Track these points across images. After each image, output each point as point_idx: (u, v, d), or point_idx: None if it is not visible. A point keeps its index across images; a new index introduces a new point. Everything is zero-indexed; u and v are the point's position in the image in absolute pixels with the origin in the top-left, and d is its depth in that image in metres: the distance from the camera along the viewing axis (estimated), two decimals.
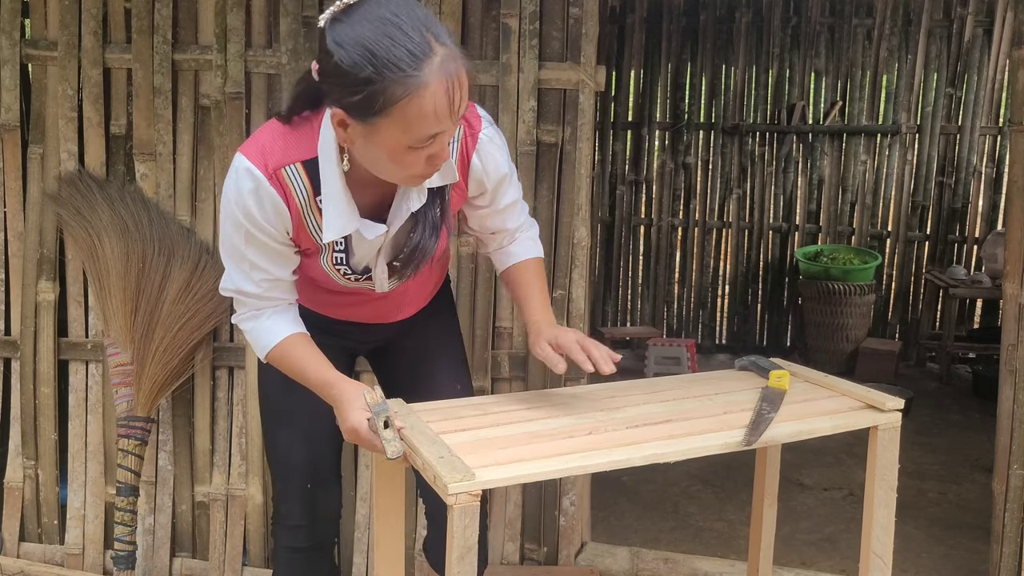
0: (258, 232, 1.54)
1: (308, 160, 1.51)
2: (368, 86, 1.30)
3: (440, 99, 1.32)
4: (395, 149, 1.37)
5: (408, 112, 1.32)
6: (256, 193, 1.50)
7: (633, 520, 3.31)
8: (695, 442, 1.51)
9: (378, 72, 1.29)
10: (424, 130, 1.35)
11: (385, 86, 1.30)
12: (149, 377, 2.50)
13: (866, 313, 5.46)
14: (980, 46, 5.36)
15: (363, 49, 1.30)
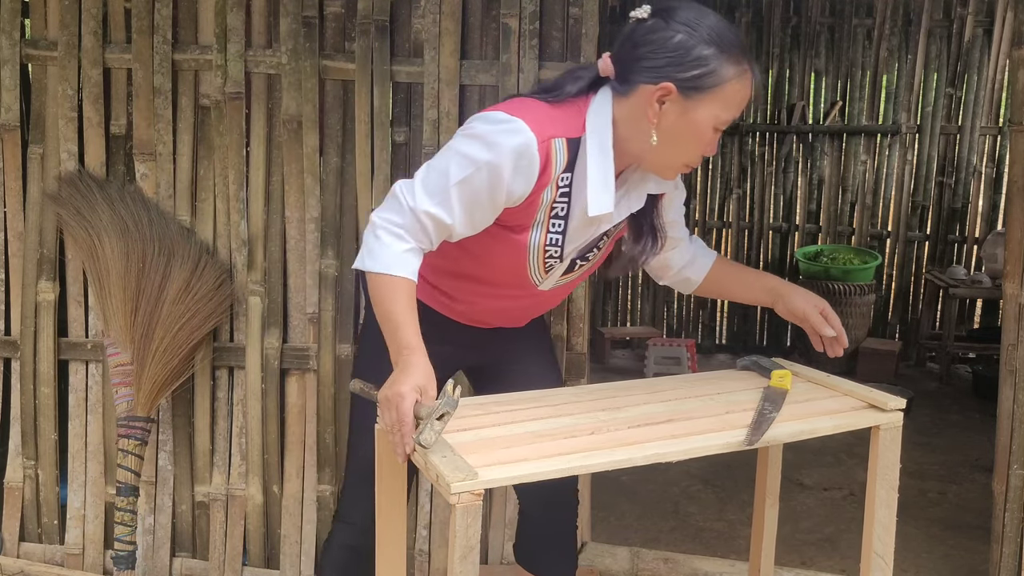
0: (498, 185, 1.56)
1: (573, 138, 1.61)
2: (707, 64, 1.52)
3: (747, 90, 1.57)
4: (704, 127, 1.57)
5: (729, 92, 1.55)
6: (520, 150, 1.54)
7: (633, 520, 3.31)
8: (697, 442, 1.51)
9: (720, 52, 1.52)
10: (733, 111, 1.58)
11: (721, 65, 1.52)
12: (149, 377, 2.50)
13: (866, 313, 5.46)
14: (980, 46, 5.37)
15: (711, 32, 1.53)
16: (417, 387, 1.45)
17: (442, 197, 1.56)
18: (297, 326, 2.63)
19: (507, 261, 1.70)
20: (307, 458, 2.66)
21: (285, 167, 2.58)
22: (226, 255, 2.63)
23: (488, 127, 1.57)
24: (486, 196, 1.57)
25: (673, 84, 1.53)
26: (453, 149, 1.59)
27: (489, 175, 1.55)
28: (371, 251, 1.58)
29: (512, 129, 1.55)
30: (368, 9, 2.51)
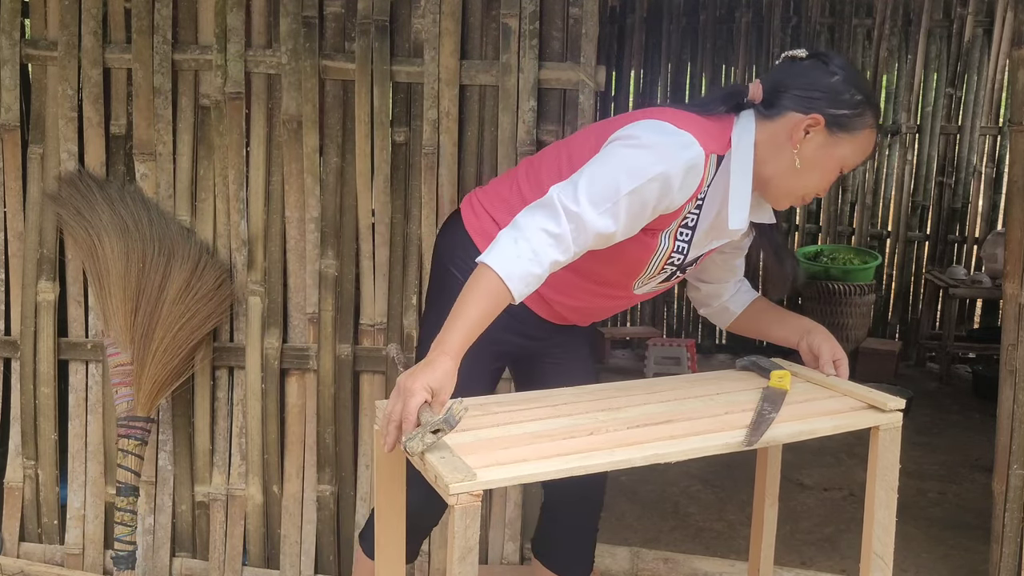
0: (657, 201, 1.61)
1: (721, 155, 1.69)
2: (857, 108, 1.66)
3: (874, 143, 1.74)
4: (836, 163, 1.70)
5: (864, 138, 1.69)
6: (691, 164, 1.62)
7: (633, 520, 3.31)
8: (696, 442, 1.51)
9: (868, 102, 1.68)
10: (860, 158, 1.72)
11: (867, 113, 1.68)
12: (149, 377, 2.50)
13: (866, 313, 5.46)
14: (980, 46, 5.37)
15: (864, 83, 1.72)
16: (430, 388, 1.44)
17: (610, 206, 1.57)
18: (297, 326, 2.63)
19: (630, 263, 1.75)
20: (307, 458, 2.66)
21: (285, 167, 2.58)
22: (226, 255, 2.63)
23: (660, 138, 1.61)
24: (652, 206, 1.62)
25: (823, 117, 1.65)
26: (620, 157, 1.60)
27: (661, 187, 1.60)
28: (502, 250, 1.54)
29: (684, 143, 1.61)
30: (368, 9, 2.51)
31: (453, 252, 1.91)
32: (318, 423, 2.64)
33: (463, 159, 2.55)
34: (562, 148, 1.84)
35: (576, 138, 1.86)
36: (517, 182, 1.85)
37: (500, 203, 1.85)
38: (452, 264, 1.89)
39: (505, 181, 1.91)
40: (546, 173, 1.79)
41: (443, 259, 1.94)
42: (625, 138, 1.64)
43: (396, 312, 2.61)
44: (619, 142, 1.64)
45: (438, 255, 1.99)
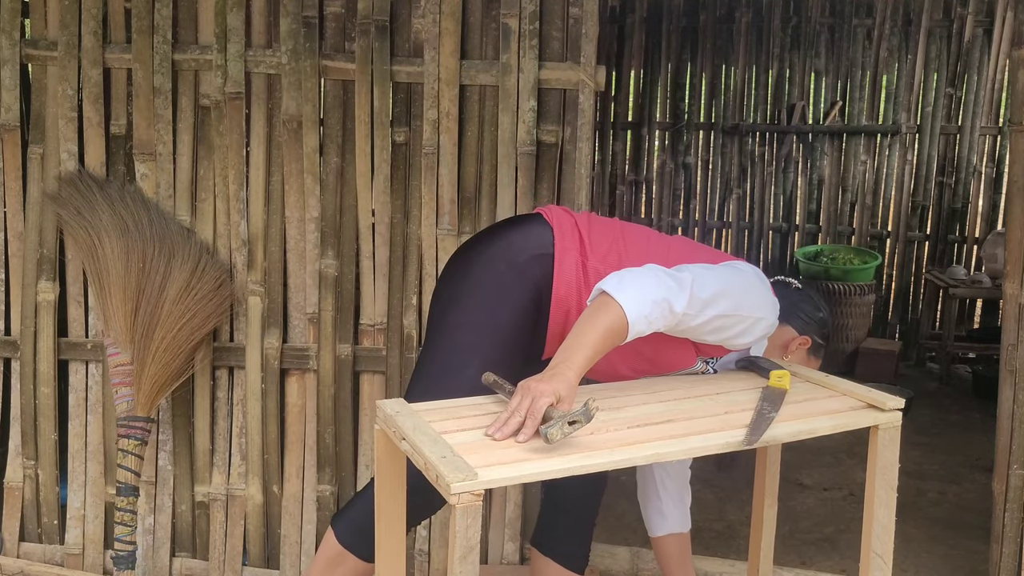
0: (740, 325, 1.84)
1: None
2: (826, 341, 2.15)
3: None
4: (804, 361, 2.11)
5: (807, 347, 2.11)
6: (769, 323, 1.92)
7: (633, 520, 3.31)
8: (696, 442, 1.51)
9: (831, 332, 2.17)
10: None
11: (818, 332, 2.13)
12: (149, 377, 2.50)
13: (866, 313, 5.46)
14: (980, 46, 5.37)
15: (828, 321, 2.15)
16: (558, 394, 1.51)
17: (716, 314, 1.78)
18: (297, 326, 2.63)
19: (671, 361, 1.94)
20: (307, 458, 2.66)
21: (285, 167, 2.58)
22: (226, 255, 2.63)
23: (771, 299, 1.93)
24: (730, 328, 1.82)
25: (811, 339, 2.09)
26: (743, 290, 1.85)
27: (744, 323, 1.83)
28: (630, 285, 1.67)
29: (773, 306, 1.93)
30: (368, 9, 2.51)
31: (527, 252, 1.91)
32: (318, 423, 2.64)
33: (463, 159, 2.55)
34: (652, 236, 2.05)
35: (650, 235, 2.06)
36: (619, 243, 1.96)
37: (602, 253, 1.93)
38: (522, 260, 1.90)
39: (607, 235, 1.97)
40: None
41: (514, 255, 1.91)
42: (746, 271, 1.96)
43: (396, 312, 2.61)
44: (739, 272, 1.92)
45: (507, 251, 1.93)
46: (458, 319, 1.92)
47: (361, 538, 1.88)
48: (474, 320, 1.89)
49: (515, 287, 1.88)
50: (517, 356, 1.91)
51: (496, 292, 1.90)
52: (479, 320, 1.89)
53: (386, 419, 1.60)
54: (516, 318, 1.89)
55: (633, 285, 1.67)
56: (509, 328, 1.89)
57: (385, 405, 1.63)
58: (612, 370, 1.94)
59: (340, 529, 1.94)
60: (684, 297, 1.71)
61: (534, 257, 1.90)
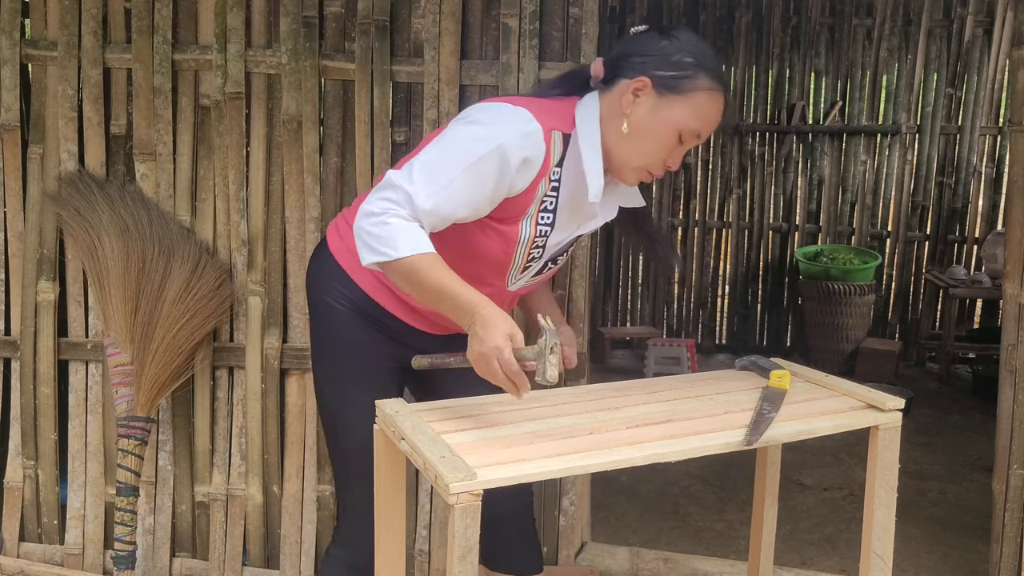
0: (495, 179, 1.59)
1: (567, 133, 1.68)
2: (686, 69, 1.62)
3: (716, 111, 1.66)
4: (671, 129, 1.64)
5: (700, 102, 1.63)
6: (529, 138, 1.60)
7: (633, 520, 3.31)
8: (696, 442, 1.51)
9: (699, 64, 1.63)
10: (700, 124, 1.65)
11: (698, 74, 1.62)
12: (149, 377, 2.50)
13: (866, 313, 5.46)
14: (980, 46, 5.37)
15: (696, 46, 1.65)
16: (507, 335, 1.49)
17: (443, 184, 1.56)
18: (297, 326, 2.63)
19: (493, 256, 1.72)
20: (307, 458, 2.66)
21: (285, 167, 2.59)
22: (226, 255, 2.63)
23: (494, 115, 1.62)
24: (492, 184, 1.59)
25: (650, 79, 1.63)
26: (455, 137, 1.61)
27: (499, 161, 1.58)
28: (385, 239, 1.53)
29: (520, 117, 1.61)
30: (368, 9, 2.51)
31: (328, 283, 1.85)
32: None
33: None
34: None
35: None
36: (369, 190, 1.75)
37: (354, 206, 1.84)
38: (328, 295, 1.84)
39: (363, 195, 1.83)
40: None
41: (318, 292, 1.87)
42: (461, 119, 1.66)
43: None
44: (455, 122, 1.66)
45: (312, 290, 1.91)
46: (317, 364, 1.92)
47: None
48: (327, 358, 1.87)
49: (334, 312, 1.83)
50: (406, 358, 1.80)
51: (323, 325, 1.85)
52: (330, 358, 1.85)
53: (385, 419, 1.60)
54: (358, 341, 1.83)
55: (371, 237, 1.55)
56: (360, 357, 1.83)
57: (384, 405, 1.63)
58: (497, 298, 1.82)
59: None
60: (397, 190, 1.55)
61: (330, 274, 1.84)
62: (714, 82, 1.64)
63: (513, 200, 1.65)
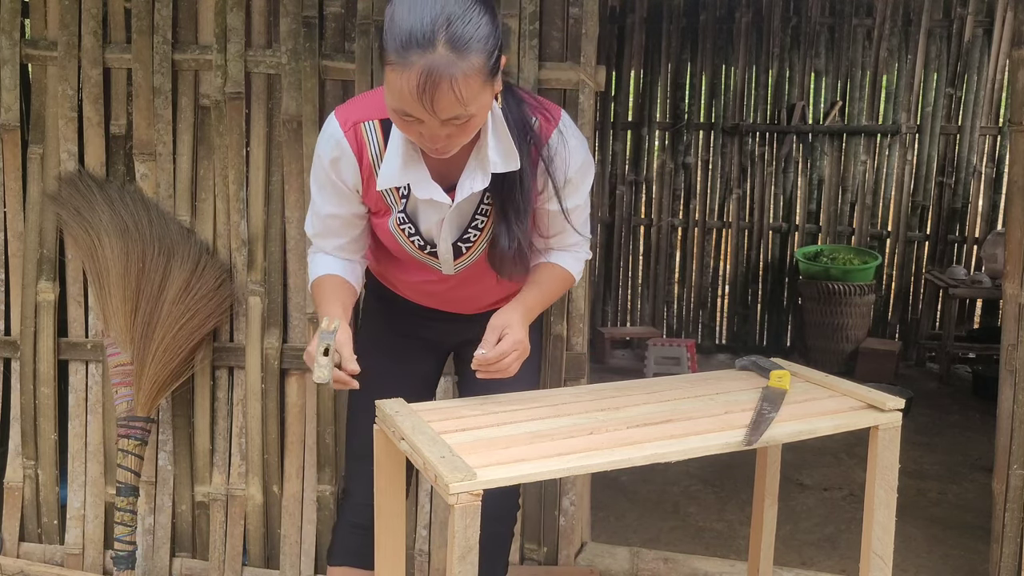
0: (331, 179, 1.70)
1: (386, 119, 1.62)
2: (382, 38, 1.44)
3: (409, 87, 1.40)
4: (388, 105, 1.50)
5: (390, 79, 1.44)
6: (328, 140, 1.67)
7: (633, 520, 3.31)
8: (695, 442, 1.51)
9: (388, 30, 1.42)
10: (397, 103, 1.46)
11: (386, 46, 1.43)
12: (149, 377, 2.50)
13: (866, 313, 5.46)
14: (980, 46, 5.37)
15: (394, 9, 1.42)
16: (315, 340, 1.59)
17: (315, 205, 1.78)
18: (297, 326, 2.63)
19: (393, 247, 1.80)
20: (307, 458, 2.66)
21: (285, 167, 2.59)
22: (226, 255, 2.63)
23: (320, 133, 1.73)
24: (330, 187, 1.72)
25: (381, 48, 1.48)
26: (312, 163, 1.78)
27: (320, 167, 1.71)
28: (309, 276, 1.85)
29: (325, 127, 1.69)
30: (368, 9, 2.51)
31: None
32: (318, 423, 2.64)
33: None
34: None
35: None
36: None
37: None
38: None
39: None
40: None
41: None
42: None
43: None
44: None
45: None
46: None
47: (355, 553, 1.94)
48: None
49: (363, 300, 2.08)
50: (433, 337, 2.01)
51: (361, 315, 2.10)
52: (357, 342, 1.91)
53: (385, 419, 1.60)
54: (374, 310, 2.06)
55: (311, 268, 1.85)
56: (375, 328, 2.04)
57: (384, 405, 1.63)
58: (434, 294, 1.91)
59: (341, 553, 1.97)
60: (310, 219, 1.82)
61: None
62: (398, 55, 1.39)
63: (367, 197, 1.73)
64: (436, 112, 1.43)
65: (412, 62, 1.38)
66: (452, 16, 1.39)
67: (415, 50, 1.38)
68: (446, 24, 1.39)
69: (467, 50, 1.40)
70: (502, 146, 1.62)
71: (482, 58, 1.43)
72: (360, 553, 1.91)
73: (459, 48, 1.39)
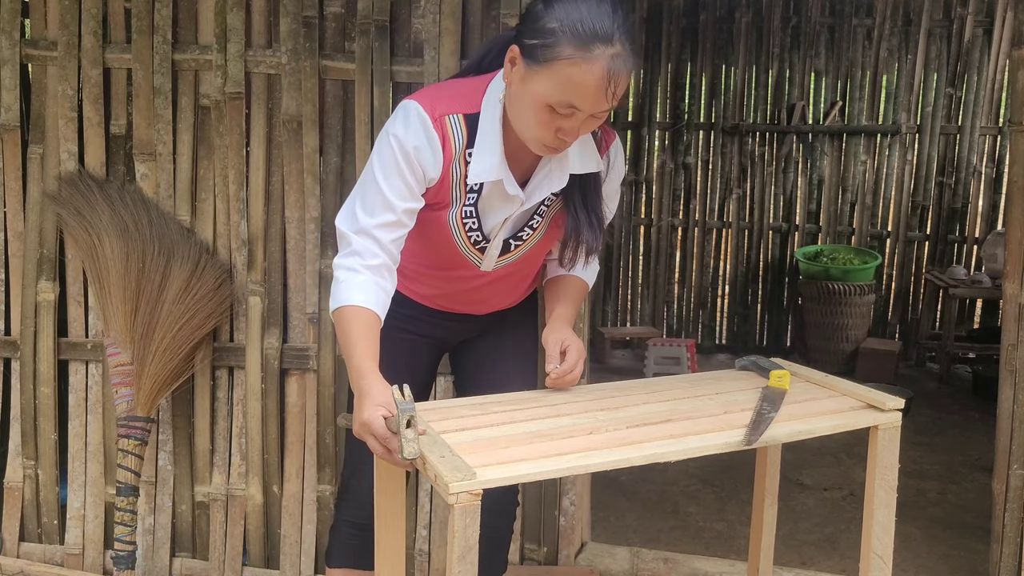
0: (407, 169, 1.65)
1: (470, 114, 1.67)
2: (547, 36, 1.51)
3: (596, 80, 1.50)
4: (539, 102, 1.54)
5: (564, 73, 1.50)
6: (412, 129, 1.64)
7: (633, 520, 3.31)
8: (695, 442, 1.51)
9: (562, 28, 1.50)
10: (568, 96, 1.52)
11: (559, 41, 1.50)
12: (149, 377, 2.50)
13: (866, 313, 5.46)
14: (980, 46, 5.37)
15: (566, 12, 1.51)
16: (379, 405, 1.49)
17: (378, 199, 1.65)
18: (297, 326, 2.63)
19: (439, 240, 1.77)
20: (307, 458, 2.66)
21: (285, 167, 2.59)
22: (226, 255, 2.63)
23: (394, 116, 1.69)
24: (406, 173, 1.65)
25: (519, 47, 1.56)
26: (377, 148, 1.70)
27: (399, 152, 1.64)
28: (333, 294, 1.67)
29: (407, 114, 1.65)
30: (368, 9, 2.51)
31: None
32: (318, 423, 2.64)
33: None
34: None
35: None
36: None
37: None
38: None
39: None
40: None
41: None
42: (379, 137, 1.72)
43: None
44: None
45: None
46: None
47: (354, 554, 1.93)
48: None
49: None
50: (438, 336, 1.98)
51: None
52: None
53: None
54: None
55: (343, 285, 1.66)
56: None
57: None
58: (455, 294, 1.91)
59: (339, 554, 1.96)
60: (348, 241, 1.67)
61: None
62: (578, 50, 1.49)
63: (433, 189, 1.70)
64: (614, 100, 1.54)
65: (596, 56, 1.49)
66: (620, 18, 1.53)
67: (600, 44, 1.49)
68: (620, 24, 1.52)
69: (632, 46, 1.54)
70: (582, 149, 1.71)
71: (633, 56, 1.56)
72: (359, 554, 1.91)
73: (630, 45, 1.53)
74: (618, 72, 1.51)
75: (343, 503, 1.99)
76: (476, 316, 1.97)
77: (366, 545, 1.83)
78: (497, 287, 1.91)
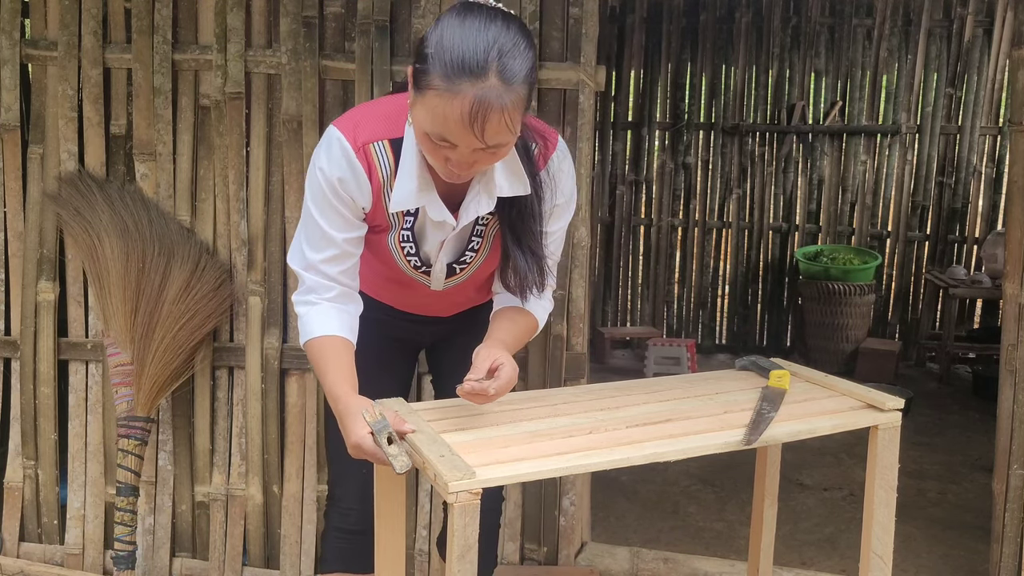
0: (336, 201, 1.61)
1: (395, 139, 1.61)
2: (423, 62, 1.43)
3: (460, 115, 1.39)
4: (419, 130, 1.48)
5: (433, 104, 1.41)
6: (344, 163, 1.59)
7: (633, 520, 3.31)
8: (695, 441, 1.51)
9: (435, 55, 1.41)
10: (438, 128, 1.43)
11: (430, 69, 1.41)
12: (149, 377, 2.50)
13: (866, 313, 5.46)
14: (980, 46, 5.37)
15: (441, 34, 1.42)
16: (361, 426, 1.49)
17: (317, 233, 1.64)
18: (297, 326, 2.63)
19: (388, 260, 1.74)
20: (307, 458, 2.66)
21: (285, 167, 2.59)
22: (226, 255, 2.63)
23: (317, 150, 1.64)
24: (338, 205, 1.62)
25: (411, 70, 1.48)
26: (307, 183, 1.66)
27: (326, 186, 1.61)
28: (300, 329, 1.69)
29: (330, 146, 1.60)
30: (368, 9, 2.51)
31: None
32: (318, 423, 2.64)
33: None
34: None
35: None
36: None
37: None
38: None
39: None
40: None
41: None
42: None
43: None
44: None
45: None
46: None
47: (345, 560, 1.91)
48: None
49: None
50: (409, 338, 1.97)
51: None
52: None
53: None
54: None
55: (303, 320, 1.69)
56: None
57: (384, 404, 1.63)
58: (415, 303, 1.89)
59: (327, 566, 1.95)
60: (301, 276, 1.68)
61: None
62: (444, 81, 1.39)
63: (370, 213, 1.66)
64: (484, 140, 1.42)
65: (462, 90, 1.38)
66: (503, 48, 1.40)
67: (466, 78, 1.38)
68: (498, 56, 1.39)
69: (515, 82, 1.41)
70: (509, 170, 1.62)
71: (526, 89, 1.44)
72: (352, 559, 1.90)
73: (509, 80, 1.40)
74: (486, 109, 1.38)
75: (330, 510, 1.98)
76: (444, 318, 1.94)
77: (356, 550, 1.83)
78: (456, 298, 1.87)
